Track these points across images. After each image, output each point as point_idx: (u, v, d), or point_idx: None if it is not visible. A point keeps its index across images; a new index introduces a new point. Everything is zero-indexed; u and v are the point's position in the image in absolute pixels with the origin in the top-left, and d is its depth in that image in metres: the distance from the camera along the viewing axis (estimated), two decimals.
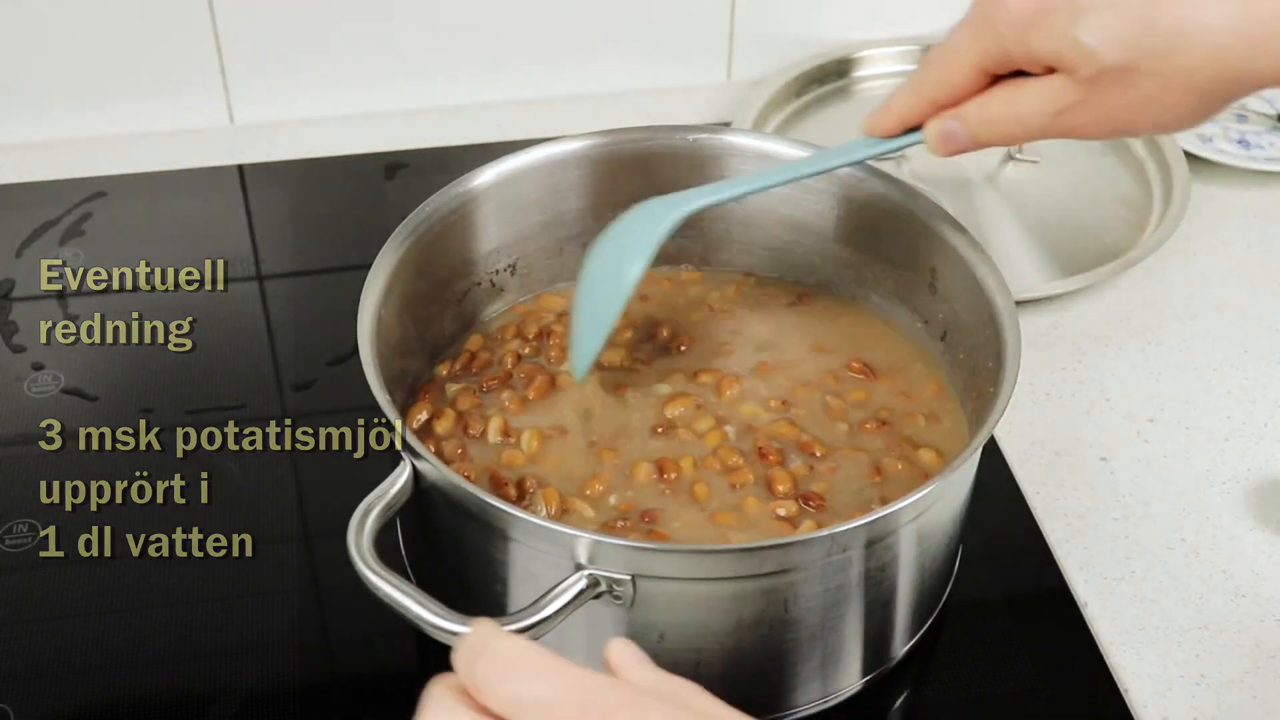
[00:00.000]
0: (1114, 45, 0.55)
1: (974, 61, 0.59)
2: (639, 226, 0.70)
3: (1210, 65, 0.54)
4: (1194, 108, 0.56)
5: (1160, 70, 0.55)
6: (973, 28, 0.59)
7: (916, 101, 0.62)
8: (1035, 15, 0.56)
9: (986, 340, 0.71)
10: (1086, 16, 0.55)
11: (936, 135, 0.62)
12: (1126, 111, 0.57)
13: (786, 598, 0.62)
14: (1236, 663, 0.73)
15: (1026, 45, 0.57)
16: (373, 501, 0.62)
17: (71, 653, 0.73)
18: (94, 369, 0.89)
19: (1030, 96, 0.58)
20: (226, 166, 1.06)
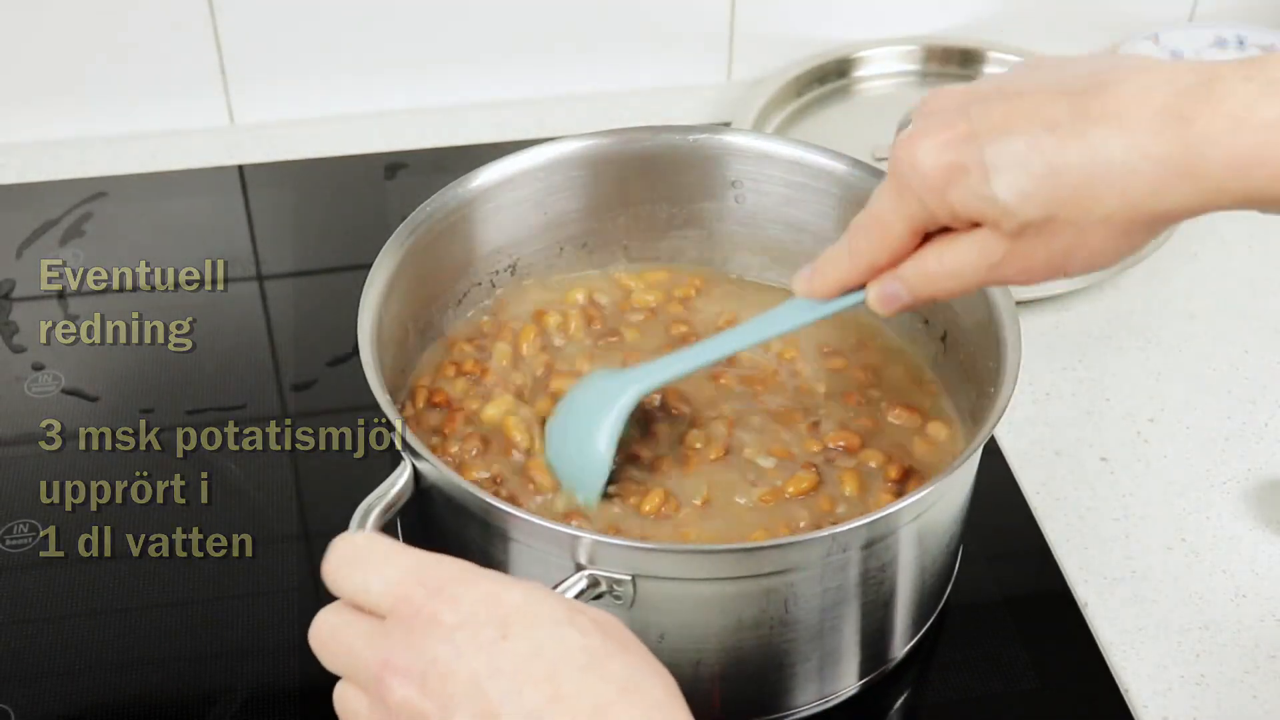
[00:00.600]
0: (1030, 201, 0.55)
1: (903, 225, 0.60)
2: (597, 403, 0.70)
3: (1124, 208, 0.55)
4: (1119, 247, 0.57)
5: (1078, 218, 0.56)
6: (895, 194, 0.59)
7: (853, 268, 0.63)
8: (949, 177, 0.57)
9: (987, 341, 0.71)
10: (999, 175, 0.55)
11: (878, 298, 0.63)
12: (1055, 258, 0.58)
13: (786, 598, 0.62)
14: (1236, 663, 0.73)
15: (948, 205, 0.57)
16: (373, 502, 0.62)
17: (71, 653, 0.73)
18: (94, 369, 0.89)
19: (962, 252, 0.59)
20: (227, 167, 1.06)
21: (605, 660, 0.48)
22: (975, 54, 1.13)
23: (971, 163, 0.56)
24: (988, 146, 0.55)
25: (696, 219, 0.83)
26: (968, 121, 0.56)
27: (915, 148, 0.57)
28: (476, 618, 0.48)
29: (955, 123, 0.57)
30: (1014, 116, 0.55)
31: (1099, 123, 0.54)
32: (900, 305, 0.62)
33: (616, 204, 0.83)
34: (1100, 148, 0.54)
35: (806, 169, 0.79)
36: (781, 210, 0.82)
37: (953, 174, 0.56)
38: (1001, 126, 0.55)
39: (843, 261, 0.63)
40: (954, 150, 0.56)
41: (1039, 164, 0.55)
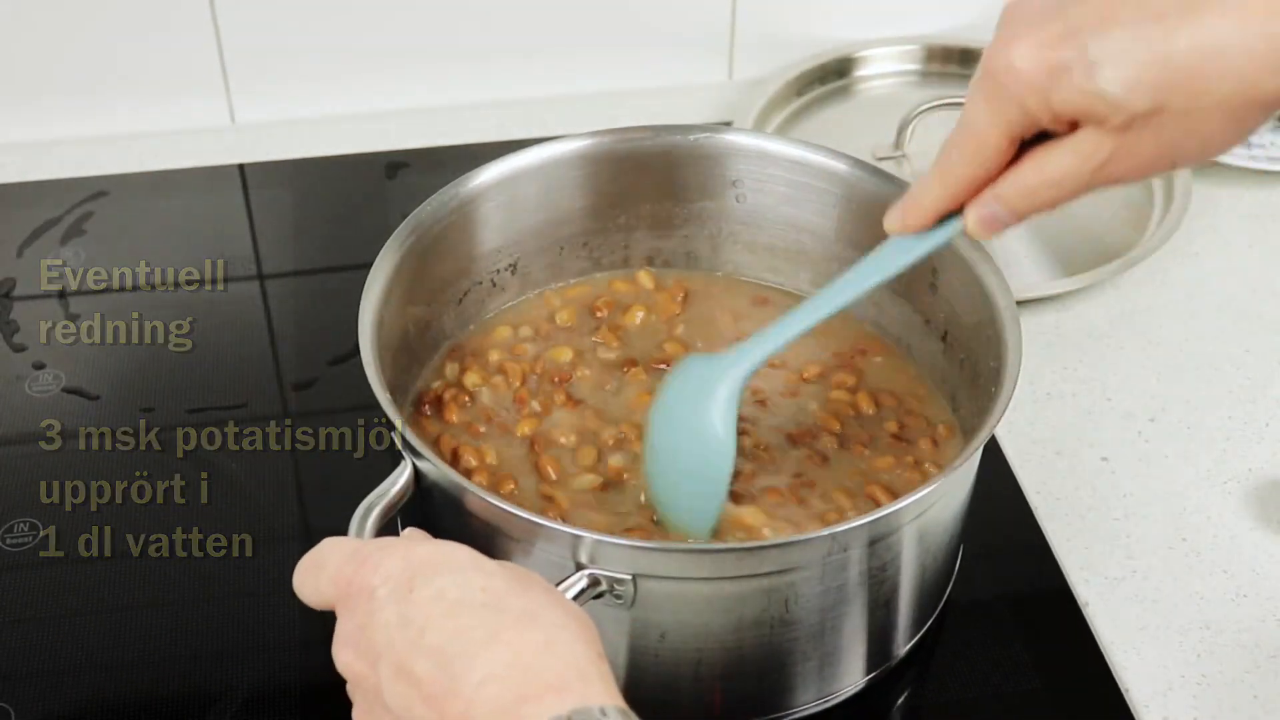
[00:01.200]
0: (1139, 91, 0.54)
1: (999, 134, 0.58)
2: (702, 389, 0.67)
3: (1239, 91, 0.54)
4: (1231, 133, 0.56)
5: (1190, 105, 0.54)
6: (989, 100, 0.57)
7: (948, 189, 0.61)
8: (1051, 76, 0.55)
9: (987, 340, 0.71)
10: (1104, 68, 0.54)
11: (978, 221, 0.61)
12: (1165, 150, 0.56)
13: (787, 597, 0.62)
14: (1237, 662, 0.73)
15: (1049, 107, 0.56)
16: (373, 501, 0.62)
17: (72, 652, 0.73)
18: (95, 368, 0.89)
19: (1064, 159, 0.57)
20: (227, 166, 1.06)
21: (505, 596, 0.50)
22: (976, 54, 1.13)
23: (1074, 59, 0.54)
24: (1091, 41, 0.54)
25: (697, 218, 0.83)
26: (1064, 19, 0.55)
27: (1011, 51, 0.56)
28: (391, 577, 0.51)
29: (1050, 22, 0.55)
30: (1115, 8, 0.54)
31: (1208, 7, 0.52)
32: (1002, 227, 0.60)
33: (617, 203, 0.83)
34: (1212, 31, 0.52)
35: (807, 168, 0.79)
36: (782, 210, 0.82)
37: (1055, 73, 0.55)
38: (1104, 19, 0.54)
39: (934, 186, 0.61)
40: (1054, 48, 0.54)
41: (1146, 53, 0.53)
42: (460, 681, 0.47)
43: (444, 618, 0.49)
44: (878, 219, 0.78)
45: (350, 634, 0.52)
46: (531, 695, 0.47)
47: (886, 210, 0.64)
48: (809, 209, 0.81)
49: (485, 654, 0.48)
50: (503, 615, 0.49)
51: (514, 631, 0.48)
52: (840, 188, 0.79)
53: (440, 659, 0.48)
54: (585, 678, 0.48)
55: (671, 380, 0.69)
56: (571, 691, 0.47)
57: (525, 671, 0.47)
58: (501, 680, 0.47)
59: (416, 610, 0.50)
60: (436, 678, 0.48)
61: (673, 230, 0.84)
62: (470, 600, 0.50)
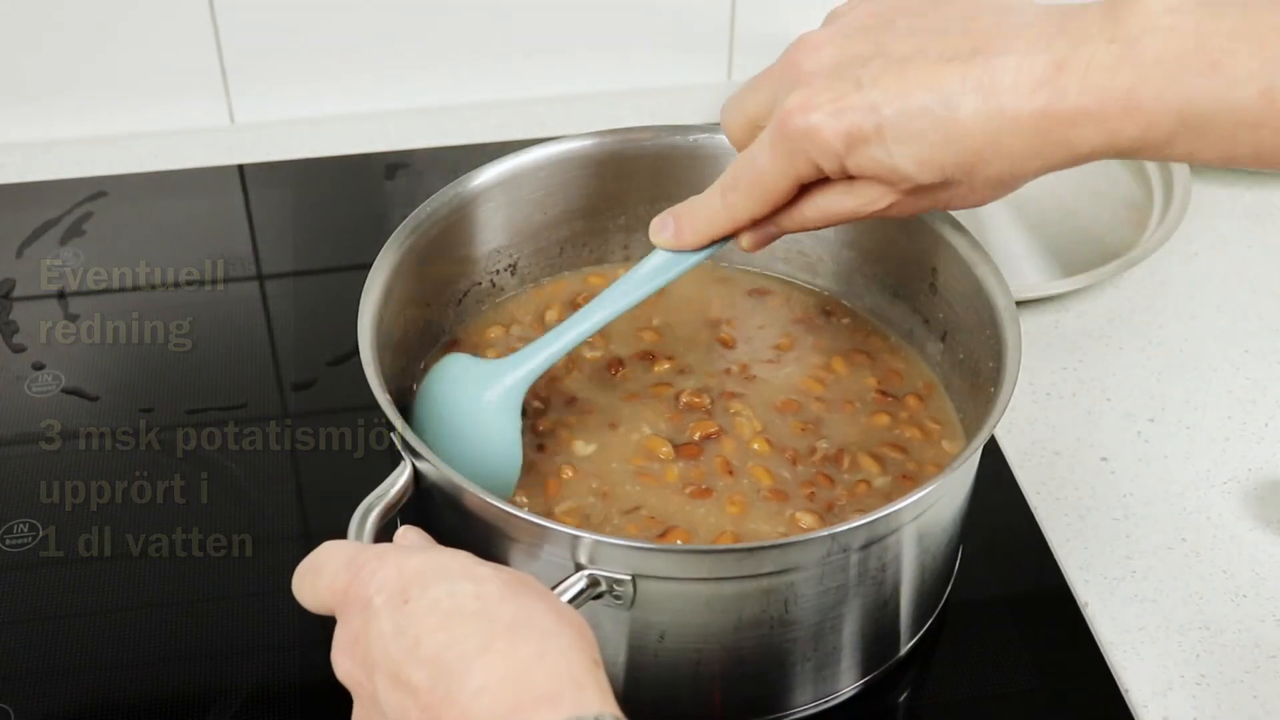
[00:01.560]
0: (927, 168, 0.59)
1: (789, 184, 0.62)
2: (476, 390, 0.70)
3: (1008, 170, 0.59)
4: (994, 196, 0.62)
5: (970, 180, 0.60)
6: (783, 154, 0.61)
7: (730, 220, 0.65)
8: (849, 144, 0.59)
9: (987, 340, 0.71)
10: (899, 145, 0.58)
11: (752, 242, 0.66)
12: (938, 204, 0.62)
13: (786, 598, 0.62)
14: (1237, 663, 0.73)
15: (843, 168, 0.60)
16: (373, 501, 0.62)
17: (72, 653, 0.73)
18: (94, 369, 0.89)
19: (845, 202, 0.62)
20: (227, 166, 1.06)
21: (497, 604, 0.50)
22: None
23: (870, 130, 0.58)
24: (887, 116, 0.58)
25: None
26: (859, 90, 0.58)
27: (809, 114, 0.59)
28: (385, 587, 0.51)
29: (847, 91, 0.59)
30: (909, 88, 0.58)
31: (989, 96, 0.57)
32: (770, 240, 0.66)
33: (617, 204, 0.83)
34: (991, 121, 0.57)
35: None
36: None
37: (853, 142, 0.59)
38: (899, 97, 0.58)
39: (718, 215, 0.65)
40: (852, 118, 0.59)
41: (938, 136, 0.58)
42: (456, 692, 0.48)
43: (438, 628, 0.49)
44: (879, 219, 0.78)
45: (347, 643, 0.52)
46: (525, 705, 0.47)
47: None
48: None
49: (479, 665, 0.48)
50: (495, 625, 0.49)
51: (507, 641, 0.49)
52: None
53: (435, 669, 0.49)
54: (580, 685, 0.48)
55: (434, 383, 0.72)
56: (565, 701, 0.47)
57: (518, 683, 0.48)
58: (495, 692, 0.47)
59: (411, 621, 0.50)
60: (432, 688, 0.48)
61: None
62: (463, 609, 0.50)
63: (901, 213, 0.63)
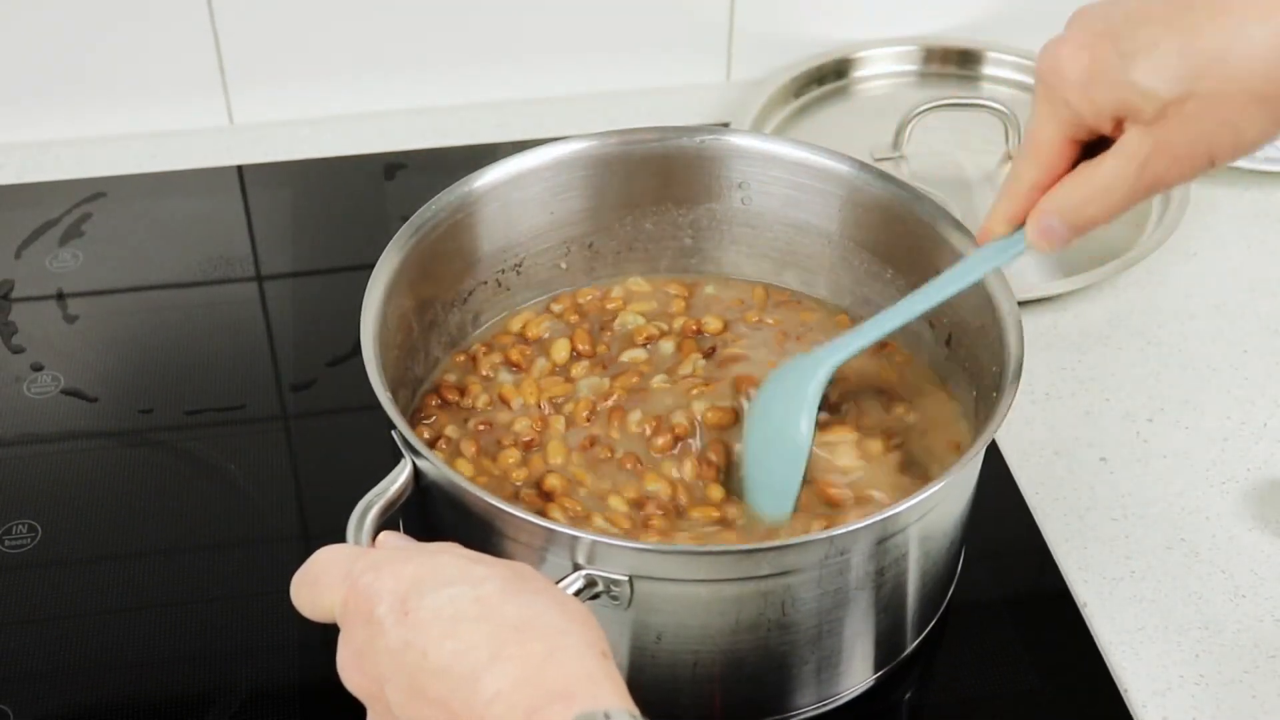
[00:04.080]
0: (1167, 78, 0.57)
1: (1056, 135, 0.62)
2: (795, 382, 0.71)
3: (1262, 78, 0.56)
4: (1264, 122, 0.58)
5: (1217, 92, 0.57)
6: (1044, 103, 0.61)
7: (1018, 194, 0.64)
8: (1091, 72, 0.59)
9: (990, 344, 0.71)
10: (1135, 60, 0.57)
11: (1037, 233, 0.64)
12: (1202, 143, 0.58)
13: (784, 600, 0.62)
14: (1236, 662, 0.73)
15: (1093, 103, 0.59)
16: (372, 499, 0.62)
17: (71, 653, 0.73)
18: (93, 369, 0.89)
19: (1109, 163, 0.60)
20: (226, 167, 1.06)
21: (499, 606, 0.50)
22: (974, 55, 1.13)
23: (1109, 53, 0.58)
24: (1124, 37, 0.58)
25: (702, 220, 0.83)
26: (1105, 21, 0.59)
27: (1057, 51, 0.60)
28: (384, 600, 0.51)
29: (1094, 23, 0.59)
30: (1149, 7, 0.58)
31: (1235, 5, 0.56)
32: (1060, 240, 0.63)
33: (622, 204, 0.83)
34: (1233, 19, 0.56)
35: (812, 170, 0.79)
36: (787, 212, 0.82)
37: (1093, 69, 0.59)
38: (1137, 17, 0.58)
39: (1005, 194, 0.65)
40: (1092, 48, 0.59)
41: (1174, 44, 0.57)
42: (471, 701, 0.48)
43: (443, 637, 0.49)
44: (882, 220, 0.78)
45: (353, 657, 0.52)
46: (540, 707, 0.47)
47: None
48: (813, 210, 0.81)
49: (490, 672, 0.48)
50: (502, 628, 0.49)
51: (516, 645, 0.49)
52: (844, 189, 0.79)
53: (448, 679, 0.49)
54: (592, 680, 0.48)
55: (766, 383, 0.73)
56: (577, 698, 0.47)
57: (530, 685, 0.48)
58: (509, 697, 0.47)
59: (415, 633, 0.50)
60: (450, 697, 0.48)
61: (678, 231, 0.84)
62: (465, 614, 0.50)
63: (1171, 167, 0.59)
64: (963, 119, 1.03)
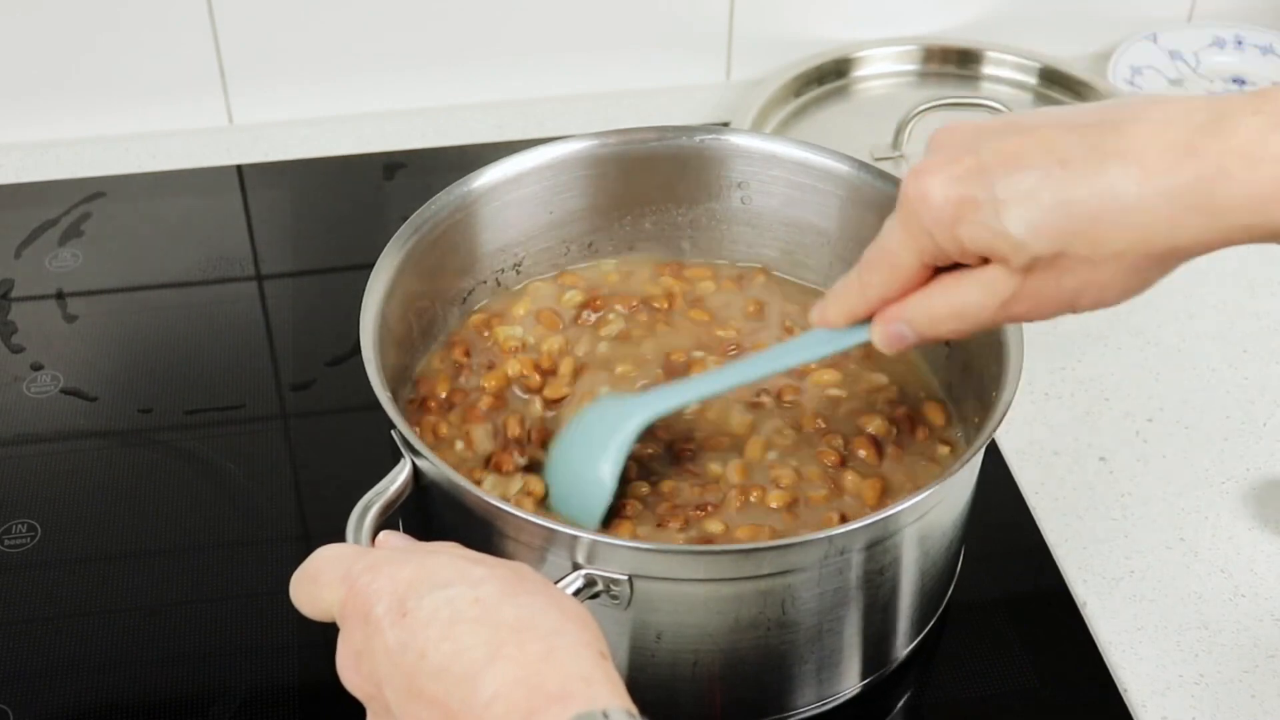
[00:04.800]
0: (1041, 234, 0.55)
1: (912, 259, 0.60)
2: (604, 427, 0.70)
3: (1137, 244, 0.55)
4: (1130, 283, 0.58)
5: (1090, 254, 0.55)
6: (904, 229, 0.59)
7: (863, 299, 0.63)
8: (959, 211, 0.56)
9: (989, 343, 0.70)
10: (1009, 209, 0.55)
11: (883, 337, 0.63)
12: (1065, 294, 0.57)
13: (784, 599, 0.62)
14: (1235, 662, 0.73)
15: (957, 240, 0.57)
16: (372, 499, 0.62)
17: (70, 653, 0.73)
18: (93, 369, 0.89)
19: (970, 290, 0.59)
20: (225, 167, 1.06)
21: (497, 607, 0.50)
22: (974, 54, 1.13)
23: (982, 196, 0.55)
24: (999, 180, 0.55)
25: (702, 219, 0.83)
26: (977, 155, 0.56)
27: (925, 181, 0.57)
28: (382, 601, 0.51)
29: (964, 156, 0.56)
30: (1026, 151, 0.55)
31: (1112, 158, 0.54)
32: (905, 344, 0.63)
33: (622, 204, 0.83)
34: (1114, 183, 0.54)
35: (811, 170, 0.80)
36: (786, 211, 0.82)
37: (963, 208, 0.56)
38: (1013, 160, 0.55)
39: (853, 293, 0.63)
40: (964, 184, 0.56)
41: (1050, 198, 0.54)
42: (469, 702, 0.48)
43: (441, 639, 0.49)
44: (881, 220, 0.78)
45: (351, 658, 0.53)
46: (538, 708, 0.47)
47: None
48: (813, 210, 0.81)
49: (488, 673, 0.48)
50: (500, 629, 0.49)
51: (513, 646, 0.49)
52: (844, 189, 0.79)
53: (446, 680, 0.49)
54: (589, 680, 0.48)
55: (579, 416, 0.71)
56: (575, 698, 0.47)
57: (528, 686, 0.48)
58: (507, 698, 0.47)
59: (413, 635, 0.50)
60: (448, 698, 0.49)
61: (678, 231, 0.84)
62: (463, 615, 0.50)
63: (1031, 310, 0.59)
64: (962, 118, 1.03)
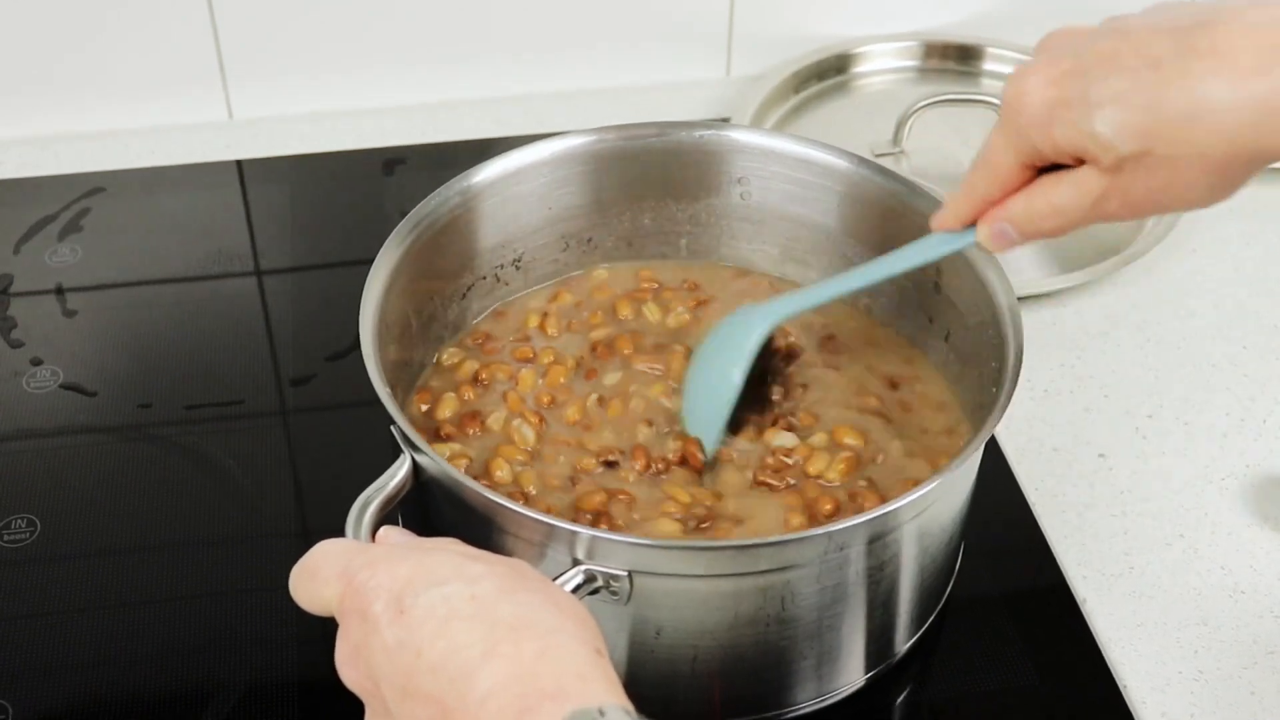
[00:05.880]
0: (1128, 134, 0.57)
1: (1012, 160, 0.62)
2: (737, 333, 0.74)
3: (1222, 145, 0.56)
4: (1215, 185, 0.58)
5: (1175, 154, 0.57)
6: (1004, 130, 0.62)
7: (970, 201, 0.65)
8: (1053, 113, 0.58)
9: (989, 340, 0.71)
10: (1099, 110, 0.57)
11: (989, 236, 0.65)
12: (1153, 194, 0.59)
13: (783, 595, 0.62)
14: (1234, 658, 0.73)
15: (1051, 141, 0.59)
16: (371, 494, 0.62)
17: (69, 649, 0.73)
18: (92, 365, 0.89)
19: (1065, 190, 0.61)
20: (225, 162, 1.06)
21: (494, 605, 0.50)
22: (974, 50, 1.13)
23: (1075, 98, 0.57)
24: (1093, 82, 0.57)
25: (702, 215, 0.83)
26: (1075, 58, 0.58)
27: (1024, 83, 0.59)
28: (380, 598, 0.52)
29: (1063, 59, 0.58)
30: (1121, 53, 0.56)
31: (1201, 59, 0.55)
32: (1010, 242, 0.65)
33: (621, 199, 0.83)
34: (1200, 84, 0.55)
35: (811, 166, 0.80)
36: (786, 207, 0.82)
37: (1056, 109, 0.58)
38: (1107, 62, 0.57)
39: (962, 196, 0.66)
40: (1059, 86, 0.58)
41: (1140, 99, 0.56)
42: (465, 699, 0.48)
43: (437, 636, 0.49)
44: (881, 216, 0.78)
45: (350, 654, 0.53)
46: (532, 706, 0.47)
47: None
48: (813, 205, 0.81)
49: (483, 670, 0.48)
50: (496, 627, 0.49)
51: (509, 644, 0.49)
52: (843, 185, 0.79)
53: (442, 678, 0.49)
54: (584, 678, 0.48)
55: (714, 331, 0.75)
56: (570, 696, 0.47)
57: (523, 683, 0.48)
58: (501, 695, 0.48)
59: (410, 632, 0.50)
60: (443, 695, 0.49)
61: (677, 227, 0.84)
62: (460, 613, 0.50)
63: (1123, 208, 0.60)
64: (962, 114, 1.03)
